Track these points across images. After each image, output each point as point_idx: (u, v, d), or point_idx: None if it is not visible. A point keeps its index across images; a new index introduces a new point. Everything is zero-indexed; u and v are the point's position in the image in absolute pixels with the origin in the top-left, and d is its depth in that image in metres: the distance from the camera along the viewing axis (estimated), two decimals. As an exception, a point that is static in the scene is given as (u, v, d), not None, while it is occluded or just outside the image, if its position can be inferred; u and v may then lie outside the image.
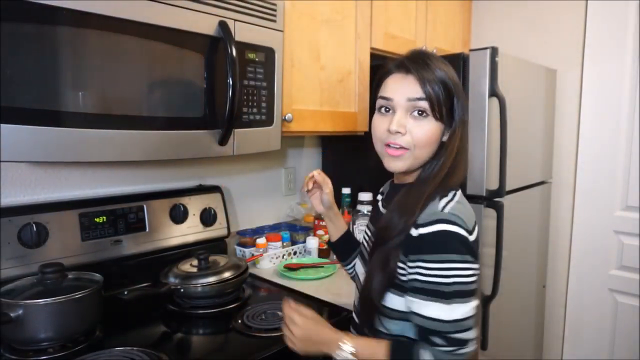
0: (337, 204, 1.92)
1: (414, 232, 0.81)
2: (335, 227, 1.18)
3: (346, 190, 1.85)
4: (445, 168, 0.86)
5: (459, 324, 0.78)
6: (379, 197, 1.08)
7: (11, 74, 0.81)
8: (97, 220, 1.26)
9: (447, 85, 0.84)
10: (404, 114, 0.85)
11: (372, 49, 1.68)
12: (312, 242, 1.70)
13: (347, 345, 0.82)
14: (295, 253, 1.72)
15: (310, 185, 1.12)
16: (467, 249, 0.79)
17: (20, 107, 0.83)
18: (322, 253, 1.73)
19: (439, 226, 0.78)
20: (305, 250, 1.72)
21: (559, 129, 2.12)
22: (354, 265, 1.13)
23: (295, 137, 1.93)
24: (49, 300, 0.96)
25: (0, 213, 1.11)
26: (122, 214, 1.31)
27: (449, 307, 0.77)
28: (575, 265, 2.10)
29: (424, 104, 0.83)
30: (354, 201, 1.83)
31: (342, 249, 1.19)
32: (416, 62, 0.85)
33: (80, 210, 1.24)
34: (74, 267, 1.17)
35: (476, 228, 0.85)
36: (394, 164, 0.87)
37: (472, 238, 0.81)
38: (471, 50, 1.57)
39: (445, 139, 0.87)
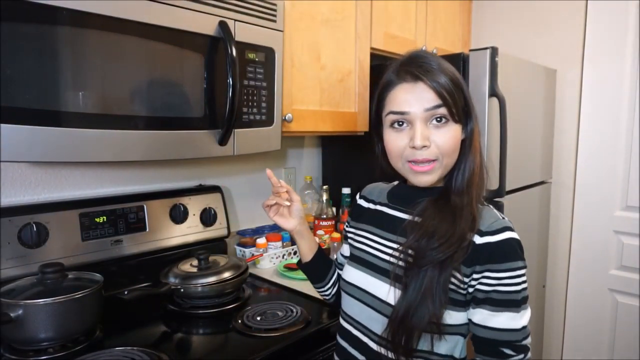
0: (337, 204, 1.93)
1: (479, 240, 0.77)
2: (308, 246, 1.04)
3: (346, 190, 1.85)
4: (476, 168, 0.83)
5: (526, 330, 0.76)
6: (367, 204, 1.00)
7: (11, 74, 0.81)
8: (97, 220, 1.26)
9: (458, 83, 0.80)
10: (425, 125, 0.78)
11: (372, 49, 1.68)
12: (312, 242, 1.69)
13: None
14: (295, 253, 1.72)
15: (274, 201, 1.00)
16: (524, 254, 0.79)
17: (20, 107, 0.83)
18: (322, 253, 1.73)
19: (507, 234, 0.77)
20: (305, 250, 1.72)
21: (559, 129, 2.12)
22: (330, 287, 1.07)
23: (295, 137, 1.93)
24: (49, 300, 0.96)
25: (0, 213, 1.11)
26: (122, 214, 1.31)
27: (519, 314, 0.76)
28: (575, 265, 2.10)
29: (443, 111, 0.78)
30: (354, 201, 1.83)
31: (318, 270, 1.06)
32: (421, 67, 0.79)
33: (81, 210, 1.24)
34: (74, 267, 1.17)
35: None
36: (424, 178, 0.81)
37: None
38: (471, 50, 1.57)
39: (462, 138, 0.83)
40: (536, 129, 1.94)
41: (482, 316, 0.76)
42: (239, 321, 1.14)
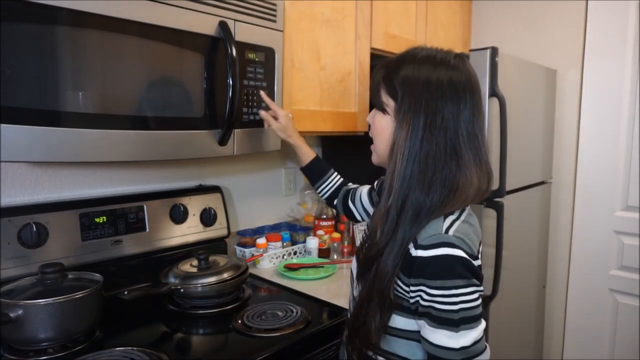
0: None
1: (413, 251, 0.74)
2: (305, 153, 1.29)
3: (346, 190, 1.85)
4: (392, 171, 0.78)
5: (467, 351, 0.73)
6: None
7: (11, 74, 0.81)
8: (97, 220, 1.26)
9: (393, 77, 0.81)
10: (373, 111, 0.89)
11: (372, 49, 1.68)
12: (312, 242, 1.69)
13: None
14: (295, 253, 1.72)
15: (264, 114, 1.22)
16: (472, 273, 0.73)
17: (20, 107, 0.83)
18: (322, 253, 1.73)
19: (442, 250, 0.72)
20: (305, 250, 1.72)
21: (559, 129, 2.12)
22: (326, 190, 1.30)
23: (295, 137, 1.93)
24: (49, 300, 0.96)
25: (0, 213, 1.11)
26: (122, 214, 1.31)
27: (457, 334, 0.73)
28: (575, 265, 2.10)
29: (375, 100, 0.86)
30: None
31: (314, 173, 1.30)
32: (386, 62, 0.87)
33: (80, 210, 1.24)
34: (74, 267, 1.17)
35: (480, 250, 0.81)
36: (372, 158, 0.92)
37: (477, 263, 0.75)
38: (471, 50, 1.57)
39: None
40: (536, 129, 1.94)
41: (424, 329, 0.76)
42: (239, 321, 1.14)
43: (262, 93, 1.23)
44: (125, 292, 1.10)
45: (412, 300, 0.76)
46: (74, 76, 0.89)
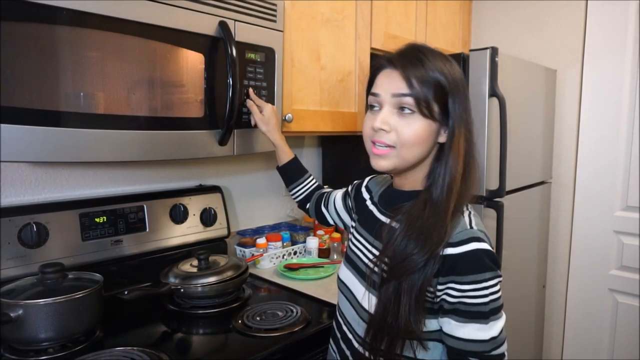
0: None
1: (440, 250, 0.74)
2: (284, 153, 1.25)
3: (346, 190, 1.85)
4: (457, 174, 0.79)
5: (496, 341, 0.74)
6: (366, 195, 1.00)
7: (11, 74, 0.81)
8: (97, 220, 1.26)
9: (438, 80, 0.77)
10: (390, 111, 0.79)
11: (372, 49, 1.68)
12: (312, 242, 1.70)
13: None
14: (295, 253, 1.72)
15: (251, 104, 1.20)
16: (496, 264, 0.75)
17: (20, 107, 0.83)
18: (322, 253, 1.73)
19: (472, 245, 0.74)
20: (305, 250, 1.72)
21: (559, 129, 2.12)
22: (299, 194, 1.27)
23: (295, 137, 1.93)
24: (49, 300, 0.96)
25: (0, 213, 1.11)
26: (122, 214, 1.31)
27: (487, 325, 0.74)
28: (575, 265, 2.10)
29: (409, 100, 0.77)
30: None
31: (289, 175, 1.27)
32: (406, 57, 0.80)
33: (81, 210, 1.24)
34: (74, 267, 1.17)
35: None
36: (379, 163, 0.81)
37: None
38: (471, 50, 1.57)
39: (442, 140, 0.81)
40: (536, 129, 1.94)
41: (449, 326, 0.76)
42: (239, 321, 1.14)
43: (250, 90, 1.21)
44: (125, 292, 1.10)
45: (437, 300, 0.76)
46: (74, 76, 0.89)
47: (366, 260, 0.87)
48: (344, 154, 1.97)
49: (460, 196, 0.79)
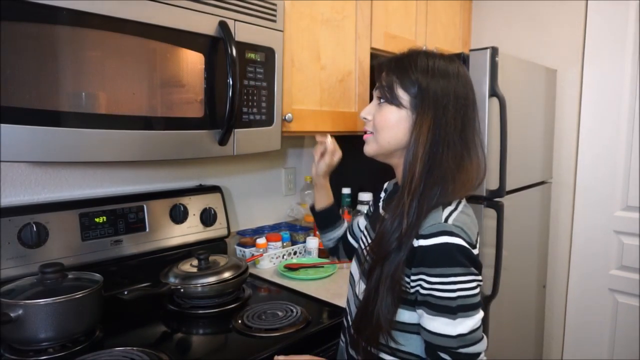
0: (337, 204, 1.94)
1: (415, 242, 0.77)
2: (326, 196, 1.19)
3: (346, 190, 1.85)
4: (417, 158, 0.80)
5: (465, 338, 0.75)
6: (382, 194, 1.07)
7: (11, 74, 0.81)
8: (97, 220, 1.26)
9: (409, 73, 0.83)
10: (374, 103, 0.91)
11: (372, 49, 1.68)
12: (312, 242, 1.69)
13: None
14: (295, 253, 1.72)
15: (321, 151, 1.15)
16: (470, 262, 0.76)
17: (20, 107, 0.83)
18: (322, 253, 1.73)
19: (442, 238, 0.75)
20: (305, 250, 1.72)
21: (559, 129, 2.12)
22: (332, 240, 1.22)
23: (295, 137, 1.93)
24: (49, 300, 0.96)
25: (0, 213, 1.11)
26: (122, 214, 1.31)
27: (455, 321, 0.75)
28: (575, 265, 2.10)
29: (379, 91, 0.88)
30: (354, 201, 1.83)
31: (323, 219, 1.21)
32: (391, 58, 0.89)
33: (80, 210, 1.24)
34: (74, 267, 1.17)
35: (478, 240, 0.83)
36: (364, 148, 0.92)
37: (475, 252, 0.78)
38: (471, 50, 1.57)
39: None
40: (536, 129, 1.94)
41: (422, 318, 0.78)
42: (239, 321, 1.14)
43: (330, 137, 1.16)
44: (125, 292, 1.10)
45: (412, 291, 0.79)
46: (74, 76, 0.89)
47: (364, 252, 0.94)
48: (344, 154, 1.96)
49: (432, 185, 0.80)
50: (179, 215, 1.44)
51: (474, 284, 0.76)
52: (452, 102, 0.82)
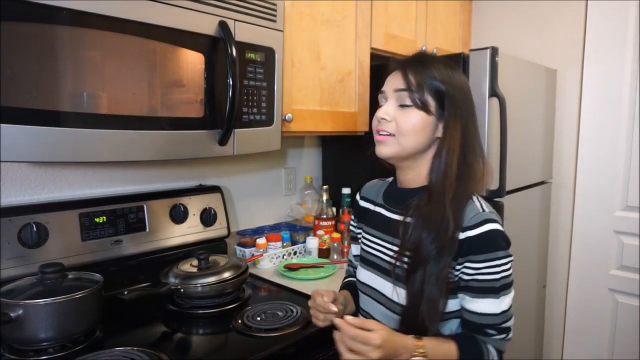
0: (337, 204, 1.94)
1: (461, 235, 0.83)
2: (350, 307, 1.07)
3: (346, 190, 1.85)
4: (452, 164, 0.87)
5: (507, 314, 0.85)
6: (366, 203, 1.07)
7: (11, 74, 0.81)
8: (97, 220, 1.26)
9: (435, 80, 0.87)
10: (392, 104, 0.90)
11: (372, 49, 1.68)
12: (312, 242, 1.69)
13: (421, 349, 0.82)
14: (295, 253, 1.72)
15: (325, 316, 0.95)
16: (507, 244, 0.85)
17: (20, 107, 0.83)
18: (322, 253, 1.73)
19: (487, 226, 0.83)
20: (305, 250, 1.72)
21: (559, 129, 2.12)
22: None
23: (295, 137, 1.93)
24: (49, 300, 0.96)
25: (0, 213, 1.11)
26: (122, 214, 1.31)
27: (499, 300, 0.83)
28: (575, 265, 2.10)
29: (405, 94, 0.88)
30: (354, 201, 1.82)
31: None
32: (409, 60, 0.91)
33: (80, 210, 1.24)
34: (74, 267, 1.17)
35: None
36: (381, 149, 0.91)
37: None
38: (471, 50, 1.57)
39: (439, 134, 0.89)
40: (536, 129, 1.94)
41: (464, 302, 0.86)
42: (239, 321, 1.14)
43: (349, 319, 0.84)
44: (125, 292, 1.10)
45: (455, 280, 0.85)
46: (74, 76, 0.89)
47: (388, 258, 0.94)
48: (344, 154, 1.97)
49: (461, 186, 0.87)
50: (179, 215, 1.44)
51: (510, 264, 0.84)
52: (470, 109, 0.91)
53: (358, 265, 1.06)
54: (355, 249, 1.14)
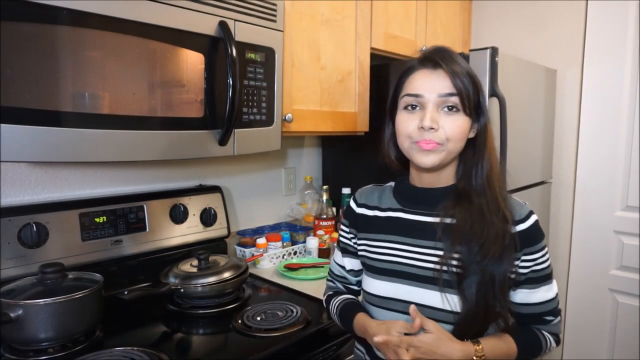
0: (337, 204, 1.94)
1: (513, 229, 0.82)
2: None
3: (346, 190, 1.85)
4: (494, 165, 0.86)
5: (557, 296, 0.88)
6: (366, 210, 0.96)
7: (11, 74, 0.81)
8: (97, 220, 1.26)
9: (474, 79, 0.83)
10: (435, 110, 0.81)
11: (372, 49, 1.68)
12: (312, 242, 1.69)
13: (480, 352, 0.79)
14: (295, 253, 1.72)
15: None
16: None
17: (20, 107, 0.83)
18: (322, 253, 1.73)
19: (533, 217, 0.85)
20: (305, 250, 1.72)
21: (559, 129, 2.12)
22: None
23: (295, 137, 1.93)
24: (49, 300, 0.96)
25: (0, 213, 1.11)
26: (122, 214, 1.31)
27: (551, 285, 0.86)
28: (575, 265, 2.10)
29: (455, 99, 0.81)
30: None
31: None
32: (443, 56, 0.83)
33: (80, 210, 1.24)
34: (74, 267, 1.17)
35: None
36: (427, 158, 0.82)
37: None
38: (471, 50, 1.57)
39: (471, 135, 0.86)
40: (536, 129, 1.94)
41: (523, 295, 0.85)
42: (239, 321, 1.14)
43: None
44: (125, 292, 1.10)
45: (513, 276, 0.83)
46: (74, 76, 0.89)
47: (428, 265, 0.85)
48: (344, 154, 1.97)
49: (501, 183, 0.87)
50: (179, 215, 1.44)
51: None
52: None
53: (365, 278, 0.94)
54: (349, 263, 1.02)
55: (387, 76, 1.73)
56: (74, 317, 1.00)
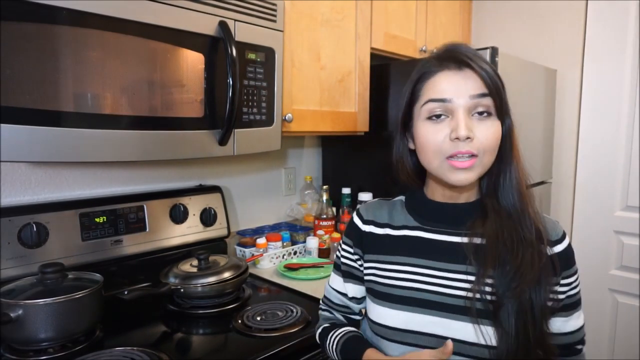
0: (337, 204, 1.93)
1: (549, 251, 0.72)
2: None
3: (346, 190, 1.85)
4: (523, 176, 0.75)
5: (584, 322, 0.78)
6: (374, 228, 0.84)
7: (11, 74, 0.81)
8: (97, 220, 1.26)
9: (500, 77, 0.72)
10: (467, 116, 0.69)
11: (372, 49, 1.68)
12: (312, 242, 1.69)
13: None
14: (295, 253, 1.72)
15: None
16: None
17: (20, 107, 0.83)
18: (322, 253, 1.73)
19: (567, 238, 0.76)
20: (305, 250, 1.72)
21: (559, 128, 2.12)
22: None
23: (295, 137, 1.93)
24: (49, 300, 0.96)
25: (0, 213, 1.11)
26: (122, 214, 1.31)
27: (580, 310, 0.77)
28: (575, 265, 2.09)
29: (488, 102, 0.69)
30: (354, 201, 1.82)
31: None
32: (466, 54, 0.71)
33: (80, 210, 1.24)
34: (74, 267, 1.17)
35: None
36: (464, 176, 0.70)
37: None
38: (471, 50, 1.57)
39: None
40: (536, 129, 1.94)
41: (559, 324, 0.75)
42: (239, 321, 1.14)
43: None
44: (125, 292, 1.10)
45: (550, 304, 0.72)
46: (74, 76, 0.89)
47: (456, 292, 0.73)
48: (344, 154, 1.97)
49: (532, 194, 0.76)
50: (179, 215, 1.44)
51: None
52: None
53: (374, 306, 0.80)
54: (352, 289, 0.87)
55: (387, 76, 1.73)
56: (74, 317, 1.00)
